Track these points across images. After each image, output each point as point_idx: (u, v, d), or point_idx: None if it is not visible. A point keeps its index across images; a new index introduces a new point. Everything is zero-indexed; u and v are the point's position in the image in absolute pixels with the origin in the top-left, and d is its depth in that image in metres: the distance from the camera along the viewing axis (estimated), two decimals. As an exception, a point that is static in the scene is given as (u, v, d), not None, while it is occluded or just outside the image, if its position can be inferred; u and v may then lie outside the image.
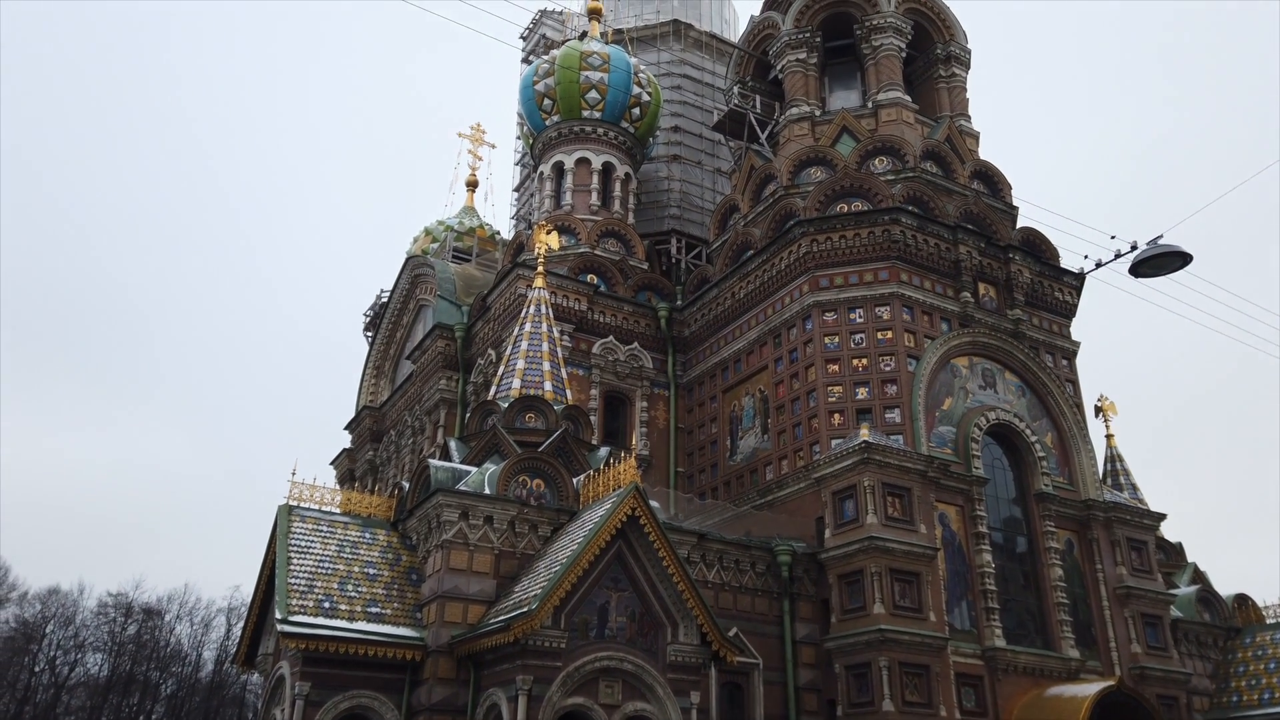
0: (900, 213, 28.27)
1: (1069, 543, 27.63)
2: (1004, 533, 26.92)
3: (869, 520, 23.71)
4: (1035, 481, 27.45)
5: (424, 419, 35.66)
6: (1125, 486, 32.41)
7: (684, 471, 31.62)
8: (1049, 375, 29.24)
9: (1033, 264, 30.34)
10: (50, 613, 66.92)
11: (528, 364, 25.42)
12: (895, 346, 26.99)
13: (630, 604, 19.37)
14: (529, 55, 44.81)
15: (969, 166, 32.18)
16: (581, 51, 37.13)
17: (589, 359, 31.41)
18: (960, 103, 34.28)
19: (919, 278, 28.29)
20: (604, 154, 36.94)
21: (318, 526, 21.58)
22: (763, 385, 29.57)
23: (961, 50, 35.06)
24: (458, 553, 20.80)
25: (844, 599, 23.70)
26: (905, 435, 25.68)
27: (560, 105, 37.01)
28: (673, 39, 41.46)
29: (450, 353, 34.65)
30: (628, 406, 32.05)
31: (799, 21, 34.32)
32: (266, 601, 22.00)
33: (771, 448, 28.38)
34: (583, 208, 36.07)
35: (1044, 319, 30.58)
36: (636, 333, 32.76)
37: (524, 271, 30.89)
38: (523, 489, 22.18)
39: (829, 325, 27.84)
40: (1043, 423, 28.81)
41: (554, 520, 21.86)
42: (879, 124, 32.30)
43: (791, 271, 29.22)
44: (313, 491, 22.12)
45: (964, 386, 27.80)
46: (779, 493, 27.07)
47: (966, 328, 28.28)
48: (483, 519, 21.21)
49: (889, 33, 33.45)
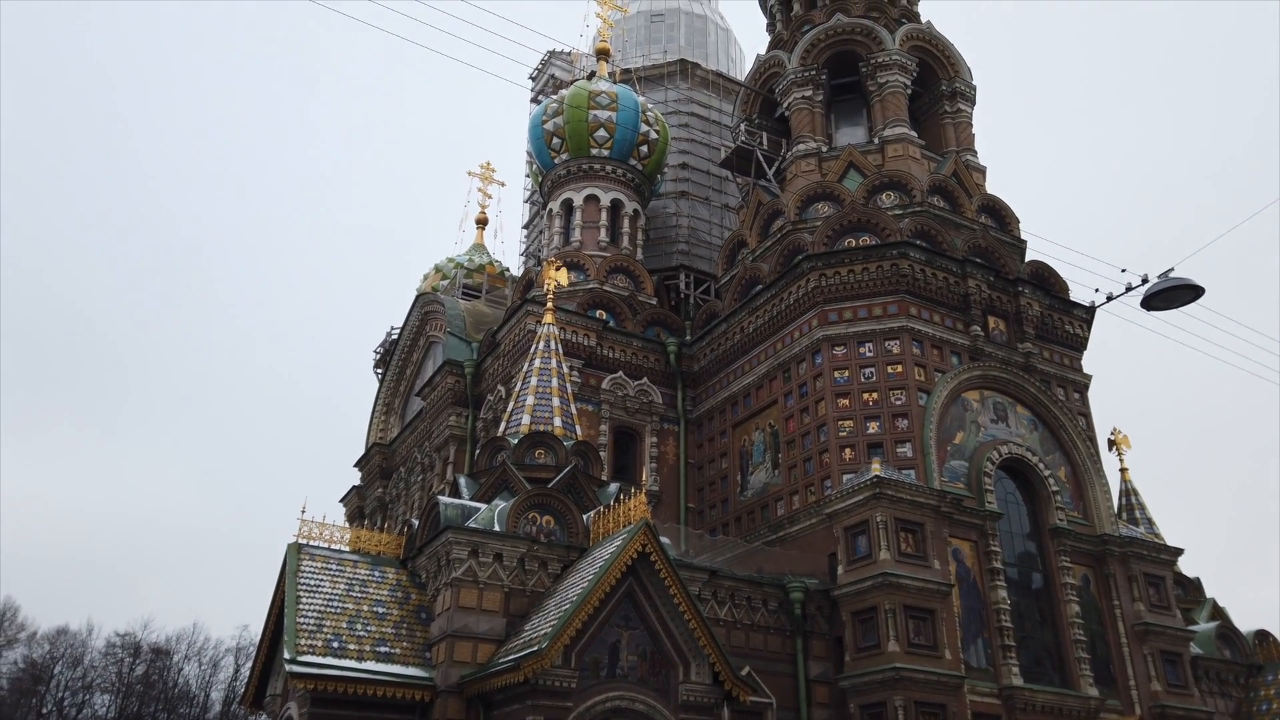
0: (908, 247, 28.33)
1: (1085, 578, 27.26)
2: (1019, 568, 26.59)
3: (882, 556, 23.47)
4: (1050, 516, 27.17)
5: (433, 456, 35.62)
6: (1141, 521, 32.05)
7: (694, 507, 31.43)
8: (1061, 408, 29.07)
9: (1042, 297, 30.31)
10: (59, 653, 66.62)
11: (537, 400, 25.42)
12: (906, 380, 26.90)
13: (641, 642, 19.17)
14: (538, 95, 45.39)
15: (976, 201, 32.29)
16: (590, 91, 37.60)
17: (598, 394, 31.41)
18: (966, 138, 34.50)
19: (928, 312, 28.27)
20: (612, 191, 37.23)
21: (327, 565, 21.49)
22: (773, 420, 29.47)
23: (966, 86, 35.36)
24: (467, 591, 20.65)
25: (858, 637, 23.38)
26: (917, 470, 25.50)
27: (569, 143, 37.41)
28: (680, 78, 41.96)
29: (460, 389, 34.71)
30: (637, 442, 31.96)
31: (805, 60, 34.72)
32: (275, 641, 21.83)
33: (782, 483, 28.21)
34: (591, 244, 36.29)
35: (1055, 352, 30.47)
36: (646, 368, 32.77)
37: (533, 308, 31.02)
38: (532, 526, 22.07)
39: (838, 359, 27.80)
40: (1056, 456, 28.59)
41: (564, 557, 21.71)
42: (885, 159, 32.50)
43: (800, 306, 29.26)
44: (322, 530, 22.07)
45: (975, 420, 27.65)
46: (790, 528, 26.86)
47: (977, 361, 28.19)
48: (492, 556, 21.09)
49: (894, 70, 33.78)
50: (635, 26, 45.49)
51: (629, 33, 44.75)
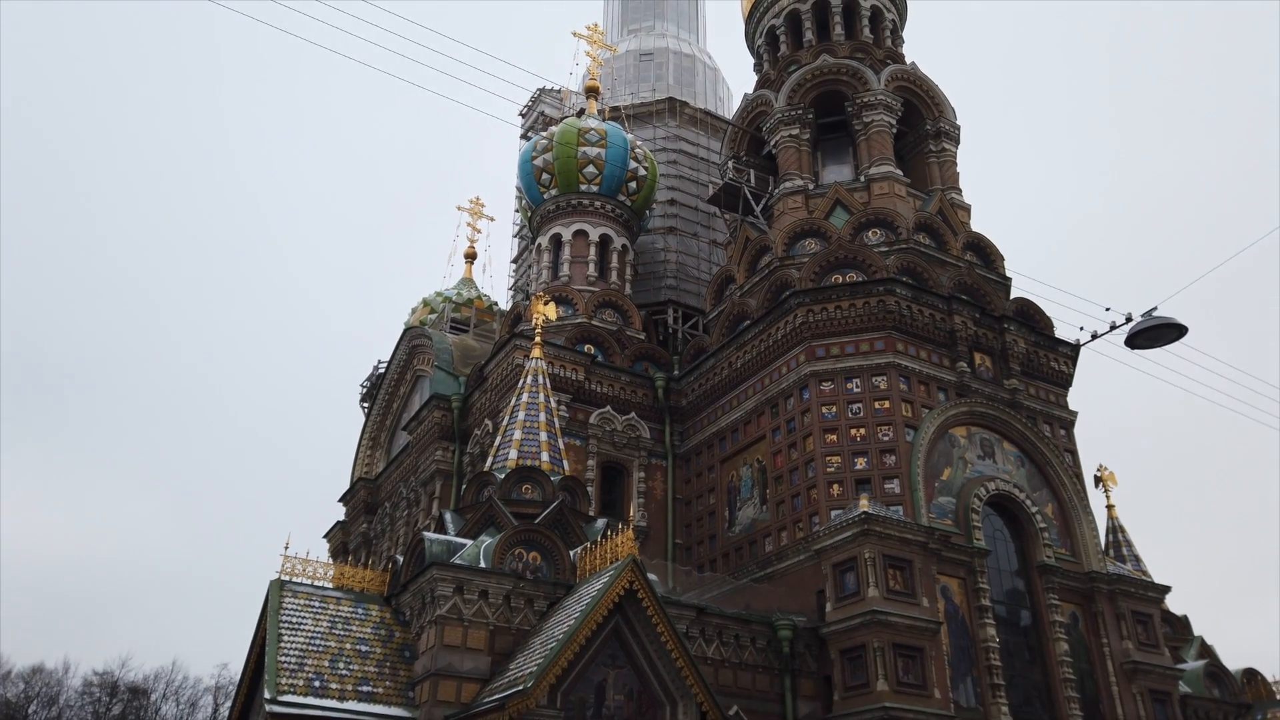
0: (895, 283, 28.55)
1: (1073, 616, 27.19)
2: (1007, 606, 26.50)
3: (870, 593, 23.35)
4: (1037, 553, 27.14)
5: (419, 491, 35.35)
6: (1128, 558, 32.00)
7: (682, 543, 31.25)
8: (1047, 445, 29.16)
9: (1027, 334, 30.53)
10: (34, 692, 65.19)
11: (524, 434, 25.32)
12: (893, 416, 26.97)
13: (628, 681, 18.94)
14: (527, 131, 45.77)
15: (961, 238, 32.63)
16: (579, 128, 37.95)
17: (586, 429, 31.32)
18: (951, 176, 34.94)
19: (915, 348, 28.42)
20: (601, 226, 37.45)
21: (309, 602, 21.20)
22: (760, 456, 29.43)
23: (950, 126, 35.88)
24: (452, 628, 20.38)
25: (846, 675, 23.18)
26: (905, 506, 25.46)
27: (558, 179, 37.67)
28: (668, 116, 42.43)
29: (447, 423, 34.55)
30: (625, 477, 31.83)
31: (791, 99, 35.18)
32: (255, 680, 21.46)
33: (770, 519, 28.11)
34: (580, 279, 36.41)
35: (1040, 389, 30.63)
36: (634, 403, 32.74)
37: (521, 342, 31.01)
38: (519, 562, 21.87)
39: (826, 395, 27.85)
40: (1043, 493, 28.63)
41: (550, 594, 21.49)
42: (871, 197, 32.85)
43: (788, 341, 29.37)
44: (305, 566, 21.80)
45: (962, 456, 27.70)
46: (778, 565, 26.71)
47: (963, 397, 28.30)
48: (478, 593, 20.85)
49: (879, 109, 34.26)
50: (624, 65, 46.06)
51: (618, 71, 45.30)
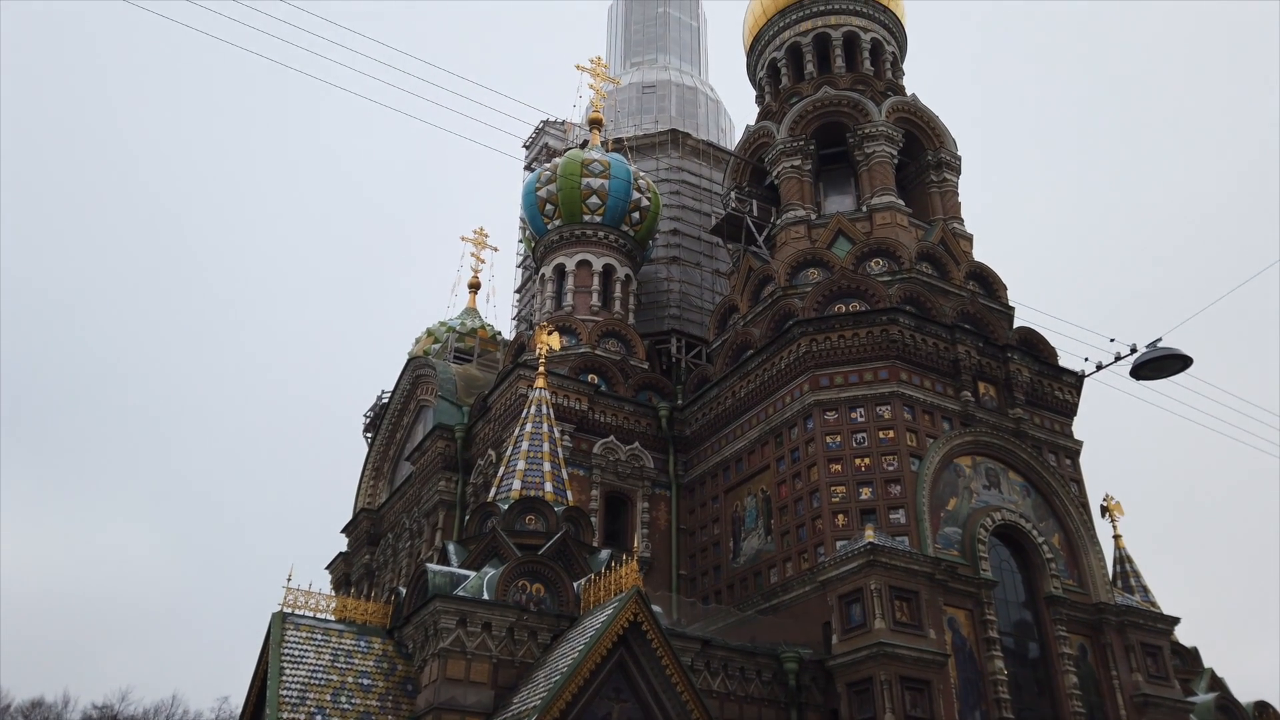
0: (898, 313, 28.59)
1: (1082, 648, 26.91)
2: (1015, 638, 26.24)
3: (877, 625, 23.14)
4: (1045, 584, 26.91)
5: (422, 521, 35.21)
6: (1136, 589, 31.77)
7: (686, 574, 31.04)
8: (1053, 475, 29.03)
9: (1031, 363, 30.51)
10: (33, 726, 64.52)
11: (528, 465, 25.25)
12: (898, 446, 26.88)
13: (632, 715, 18.72)
14: (531, 163, 46.13)
15: (964, 268, 32.72)
16: (583, 159, 38.24)
17: (590, 459, 31.24)
18: (953, 206, 35.11)
19: (919, 377, 28.40)
20: (604, 256, 37.60)
21: (312, 635, 21.04)
22: (765, 485, 29.32)
23: (951, 157, 36.12)
24: (455, 661, 20.20)
25: (853, 709, 22.89)
26: (911, 536, 25.31)
27: (562, 210, 37.89)
28: (671, 147, 42.75)
29: (450, 453, 34.48)
30: (629, 507, 31.70)
31: (793, 130, 35.47)
32: (256, 714, 21.24)
33: (775, 549, 27.93)
34: (583, 309, 36.50)
35: (1045, 418, 30.55)
36: (637, 432, 32.68)
37: (525, 372, 31.03)
38: (522, 594, 21.72)
39: (830, 424, 27.79)
40: (1049, 523, 28.45)
41: (554, 627, 21.31)
42: (873, 227, 32.99)
43: (791, 371, 29.36)
44: (308, 598, 21.66)
45: (968, 486, 27.57)
46: (784, 596, 26.51)
47: (968, 427, 28.22)
48: (481, 626, 20.68)
49: (880, 140, 34.52)
50: (627, 98, 46.51)
51: (621, 104, 45.73)
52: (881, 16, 38.68)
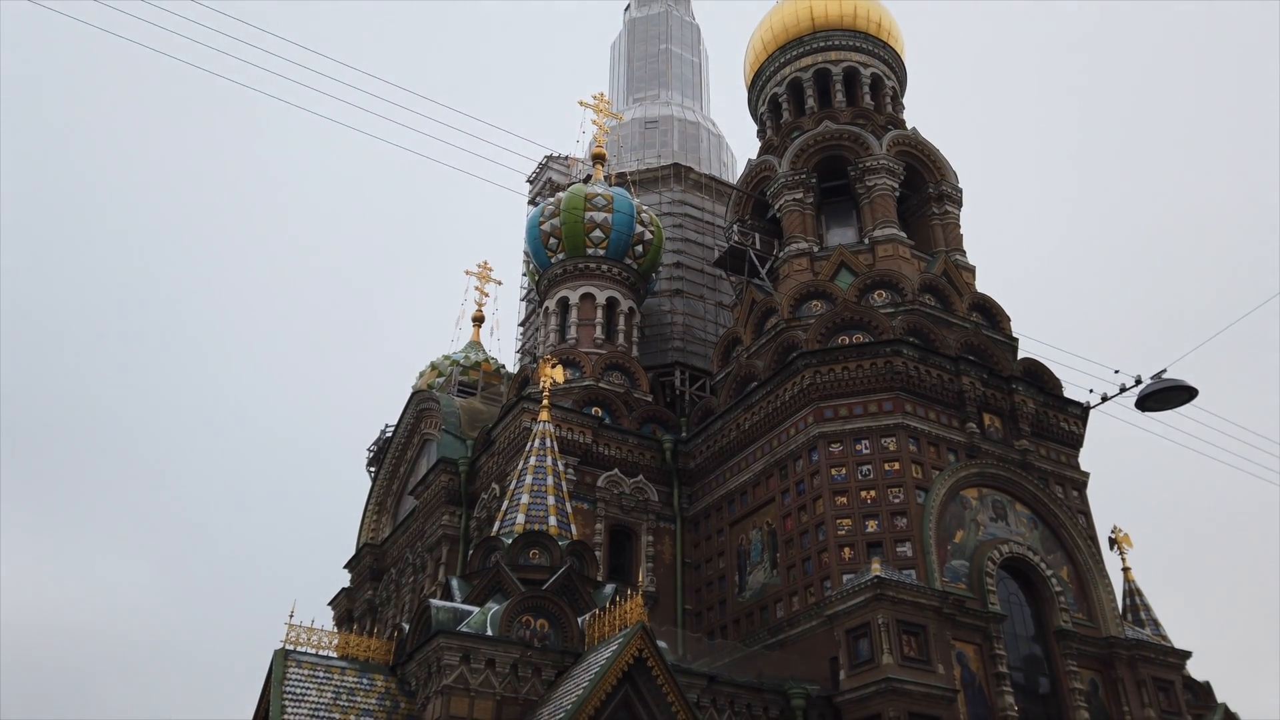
0: (901, 344, 28.60)
1: (1093, 683, 26.57)
2: (1025, 673, 25.91)
3: (885, 660, 22.88)
4: (1054, 618, 26.63)
5: (425, 556, 35.00)
6: (1147, 622, 31.39)
7: (692, 609, 30.76)
8: (1060, 507, 28.84)
9: (1036, 394, 30.44)
10: (28, 765, 63.75)
11: (532, 498, 25.15)
12: (903, 478, 26.75)
13: (638, 754, 18.46)
14: (535, 197, 46.44)
15: (967, 299, 32.77)
16: (586, 193, 38.51)
17: (594, 492, 31.12)
18: (955, 238, 35.25)
19: (923, 409, 28.33)
20: (608, 289, 37.73)
21: (314, 672, 20.86)
22: (770, 518, 29.15)
23: (953, 189, 36.34)
24: (458, 699, 19.98)
25: (862, 746, 22.58)
26: (918, 570, 25.10)
27: (565, 243, 38.09)
28: (673, 181, 43.07)
29: (454, 487, 34.36)
30: (633, 540, 31.50)
31: (795, 164, 35.74)
32: (256, 753, 21.00)
33: (781, 583, 27.70)
34: (587, 342, 36.56)
35: (1051, 449, 30.42)
36: (641, 465, 32.58)
37: (529, 405, 31.01)
38: (526, 629, 21.52)
39: (835, 456, 27.69)
40: (1057, 556, 28.22)
41: (558, 663, 21.10)
42: (876, 259, 33.11)
43: (796, 403, 29.31)
44: (310, 635, 21.49)
45: (975, 519, 27.39)
46: (790, 631, 26.24)
47: (974, 459, 28.10)
48: (484, 662, 20.49)
49: (882, 174, 34.76)
50: (630, 133, 46.96)
51: (624, 139, 46.15)
52: (881, 52, 39.14)
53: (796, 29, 39.19)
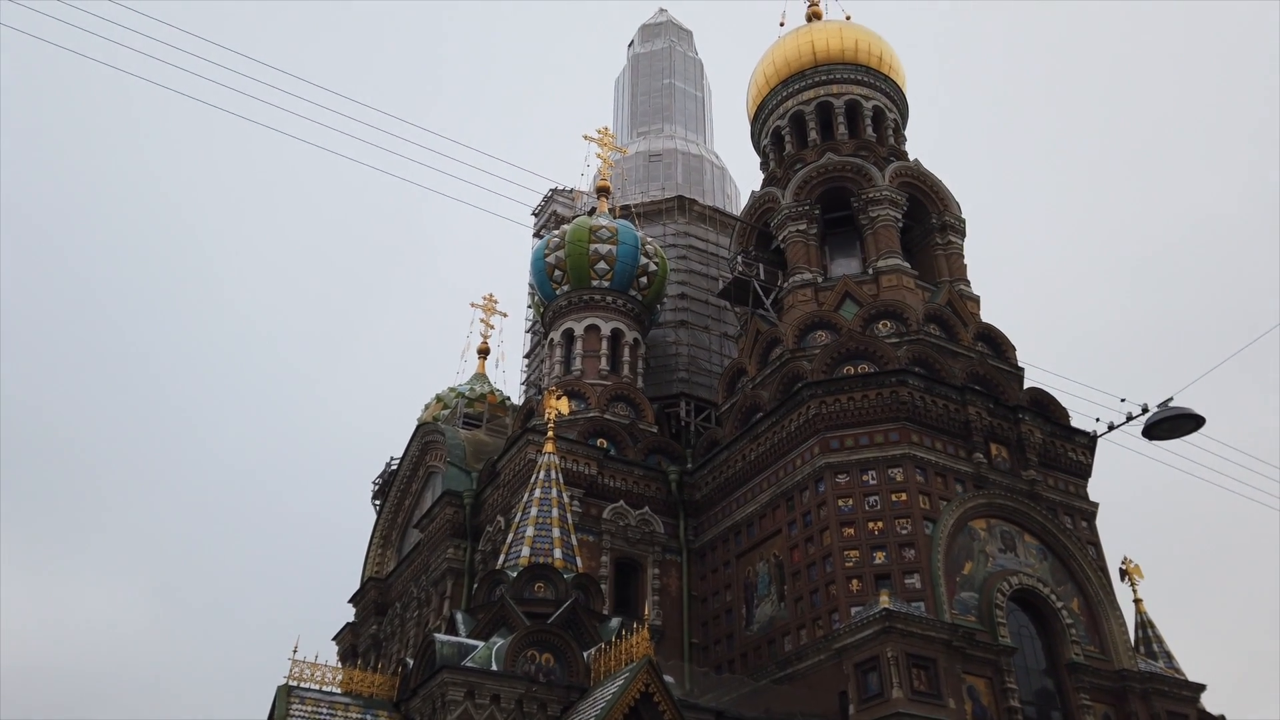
0: (907, 374, 28.57)
1: (1106, 717, 26.18)
2: (1037, 707, 25.54)
3: (895, 695, 22.59)
4: (1066, 651, 26.30)
5: (430, 590, 34.79)
6: (1159, 654, 30.94)
7: (699, 643, 30.45)
8: (1069, 537, 28.61)
9: (1043, 424, 30.32)
10: (27, 804, 62.97)
11: (537, 531, 25.03)
12: (911, 508, 26.59)
13: (645, 791, 18.19)
14: (540, 230, 46.72)
15: (972, 329, 32.78)
16: (591, 225, 38.76)
17: (599, 524, 30.98)
18: (958, 268, 35.34)
19: (930, 439, 28.23)
20: (613, 321, 37.83)
21: (318, 709, 20.67)
22: (777, 550, 28.95)
23: (956, 220, 36.48)
24: (463, 735, 19.75)
25: (873, 783, 22.24)
26: (927, 602, 24.86)
27: (570, 275, 38.27)
28: (678, 213, 43.33)
29: (459, 520, 34.24)
30: (639, 573, 31.29)
31: (798, 196, 35.95)
32: (259, 792, 20.75)
33: (789, 616, 27.45)
34: (592, 373, 36.59)
35: (1059, 479, 30.24)
36: (647, 497, 32.45)
37: (534, 437, 30.97)
38: (531, 664, 21.33)
39: (842, 487, 27.56)
40: (1068, 587, 27.94)
41: (564, 698, 20.87)
42: (880, 289, 33.18)
43: (802, 433, 29.24)
44: (314, 670, 21.33)
45: (983, 550, 27.16)
46: (799, 665, 25.95)
47: (981, 489, 27.94)
48: (489, 698, 20.27)
49: (885, 205, 34.94)
50: (634, 166, 47.32)
51: (628, 171, 46.51)
52: (883, 85, 39.51)
53: (799, 63, 39.61)
